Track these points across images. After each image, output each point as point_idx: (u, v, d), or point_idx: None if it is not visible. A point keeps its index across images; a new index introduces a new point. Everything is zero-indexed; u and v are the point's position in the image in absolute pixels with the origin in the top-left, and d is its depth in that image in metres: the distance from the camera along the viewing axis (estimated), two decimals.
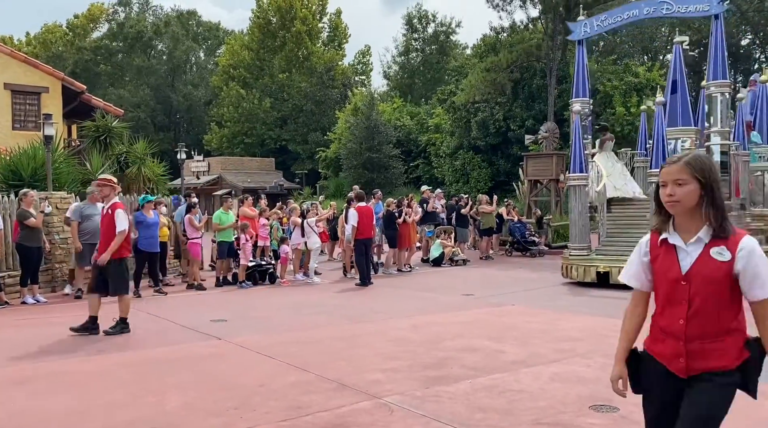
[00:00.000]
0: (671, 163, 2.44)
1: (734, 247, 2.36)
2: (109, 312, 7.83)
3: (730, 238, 2.36)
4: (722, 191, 2.35)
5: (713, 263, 2.36)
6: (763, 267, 2.33)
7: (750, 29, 34.26)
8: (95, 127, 16.47)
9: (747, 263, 2.34)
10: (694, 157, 2.40)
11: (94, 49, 57.16)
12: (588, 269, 11.58)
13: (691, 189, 2.36)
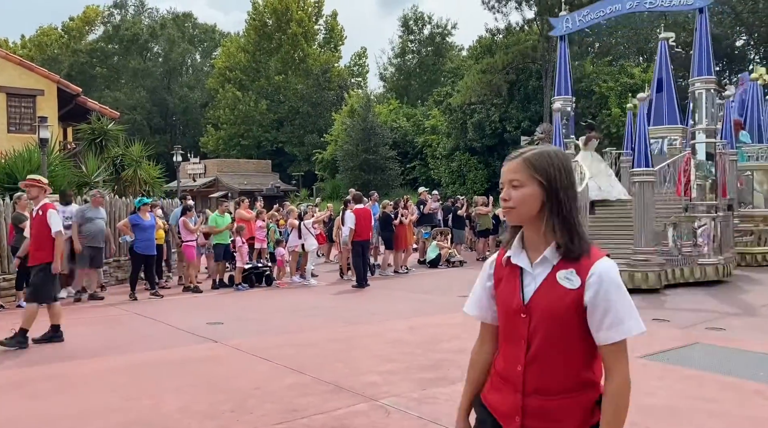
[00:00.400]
0: (509, 159, 1.88)
1: (585, 272, 1.74)
2: (108, 319, 7.79)
3: (583, 260, 1.76)
4: (574, 198, 1.82)
5: (558, 291, 1.75)
6: (619, 299, 1.72)
7: (744, 30, 34.38)
8: (91, 130, 16.43)
9: (597, 293, 1.71)
10: (537, 153, 1.83)
11: (89, 52, 57.08)
12: None
13: (529, 193, 1.79)
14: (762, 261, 14.14)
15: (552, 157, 1.83)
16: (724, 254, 11.60)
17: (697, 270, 11.11)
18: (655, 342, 6.66)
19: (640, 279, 10.33)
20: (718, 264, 11.27)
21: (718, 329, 7.34)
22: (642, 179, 10.74)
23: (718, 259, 11.34)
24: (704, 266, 11.17)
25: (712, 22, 32.62)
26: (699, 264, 11.17)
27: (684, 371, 5.58)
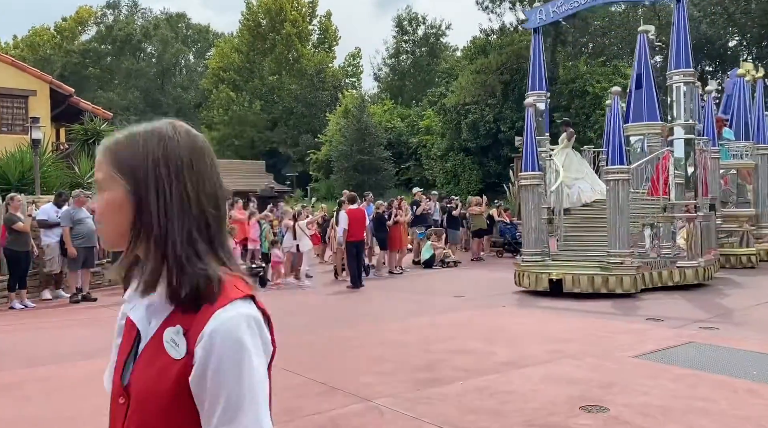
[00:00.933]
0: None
1: (197, 330, 1.09)
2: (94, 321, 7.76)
3: (203, 309, 1.10)
4: (183, 202, 1.14)
5: (161, 362, 1.11)
6: (234, 378, 1.06)
7: (737, 31, 34.53)
8: (84, 131, 16.38)
9: (204, 367, 1.06)
10: (125, 138, 1.18)
11: (82, 52, 56.86)
12: (540, 277, 10.55)
13: (114, 199, 1.15)
14: (747, 262, 13.62)
15: (146, 140, 1.15)
16: (705, 256, 11.12)
17: (676, 274, 10.63)
18: (649, 342, 6.69)
19: (615, 283, 9.90)
20: (698, 267, 10.73)
21: (711, 328, 7.37)
22: (616, 177, 10.27)
23: (698, 262, 10.80)
24: (683, 269, 10.67)
25: (705, 23, 32.88)
26: (678, 267, 10.67)
27: (677, 370, 5.60)
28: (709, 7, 33.96)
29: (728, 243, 13.78)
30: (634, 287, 9.95)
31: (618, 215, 10.15)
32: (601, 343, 6.79)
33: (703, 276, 10.81)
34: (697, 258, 10.82)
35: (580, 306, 9.23)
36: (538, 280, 10.53)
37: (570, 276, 10.18)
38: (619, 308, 9.12)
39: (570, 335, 7.30)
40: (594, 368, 5.75)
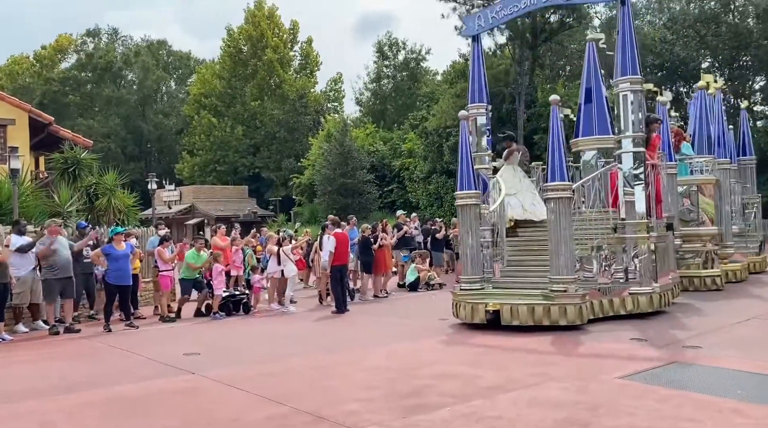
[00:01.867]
0: None
1: None
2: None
3: None
4: None
5: None
6: None
7: (709, 53, 35.37)
8: (63, 159, 16.22)
9: None
10: None
11: (62, 80, 56.64)
12: (476, 307, 9.37)
13: None
14: (712, 285, 12.70)
15: None
16: (661, 280, 10.15)
17: (628, 301, 9.63)
18: (633, 363, 6.71)
19: (558, 314, 8.76)
20: (652, 294, 9.75)
21: (695, 347, 7.42)
22: (557, 195, 9.08)
23: (653, 288, 9.81)
24: (636, 296, 9.66)
25: (678, 45, 33.66)
26: (630, 294, 9.66)
27: (662, 391, 5.62)
28: (681, 29, 34.79)
29: (694, 264, 13.00)
30: (579, 318, 8.83)
31: (560, 237, 8.99)
32: (586, 365, 6.79)
33: (659, 303, 9.82)
34: (652, 284, 9.84)
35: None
36: (475, 311, 9.38)
37: (508, 306, 9.02)
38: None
39: (554, 357, 7.30)
40: (580, 390, 5.75)
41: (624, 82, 10.10)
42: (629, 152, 10.09)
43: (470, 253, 10.13)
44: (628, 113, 10.07)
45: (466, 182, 10.17)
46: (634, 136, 10.08)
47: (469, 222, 10.14)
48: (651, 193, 10.27)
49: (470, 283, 10.04)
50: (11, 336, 10.18)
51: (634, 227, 9.94)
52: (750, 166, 17.27)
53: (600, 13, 37.58)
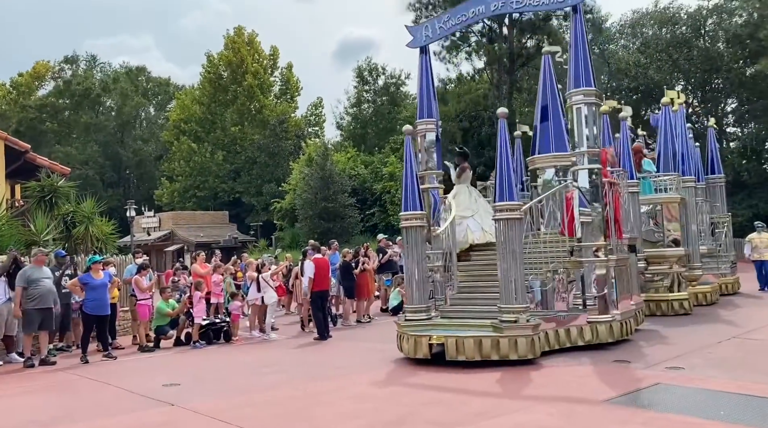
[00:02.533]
0: None
1: None
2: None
3: None
4: None
5: None
6: None
7: (682, 76, 36.22)
8: (40, 187, 15.97)
9: None
10: None
11: (39, 107, 56.16)
12: (419, 340, 8.51)
13: None
14: (680, 309, 12.17)
15: None
16: (622, 307, 9.40)
17: (586, 331, 8.87)
18: (617, 385, 6.70)
19: (508, 348, 7.99)
20: (612, 322, 9.00)
21: (677, 368, 7.44)
22: (506, 216, 8.32)
23: (613, 315, 9.07)
24: (595, 324, 8.92)
25: (652, 68, 34.44)
26: (588, 323, 8.93)
27: (647, 413, 5.61)
28: (655, 53, 35.63)
29: (662, 287, 12.48)
30: (531, 351, 8.02)
31: (511, 261, 8.20)
32: (572, 388, 6.77)
33: (620, 331, 9.09)
34: (611, 311, 9.12)
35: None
36: (418, 345, 8.53)
37: (453, 339, 8.20)
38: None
39: (544, 380, 7.27)
40: (567, 415, 5.71)
41: (577, 94, 9.45)
42: (584, 169, 9.39)
43: (416, 280, 9.14)
44: (582, 127, 9.40)
45: (411, 202, 9.26)
46: (589, 151, 9.37)
47: (415, 245, 9.17)
48: (609, 213, 9.52)
49: (415, 313, 9.03)
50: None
51: (590, 249, 9.21)
52: (719, 184, 16.94)
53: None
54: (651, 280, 12.54)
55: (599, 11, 35.31)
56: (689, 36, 35.66)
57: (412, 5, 35.69)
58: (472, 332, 8.32)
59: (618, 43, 39.13)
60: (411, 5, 35.70)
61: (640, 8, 39.10)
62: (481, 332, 8.26)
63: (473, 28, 35.61)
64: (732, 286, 15.71)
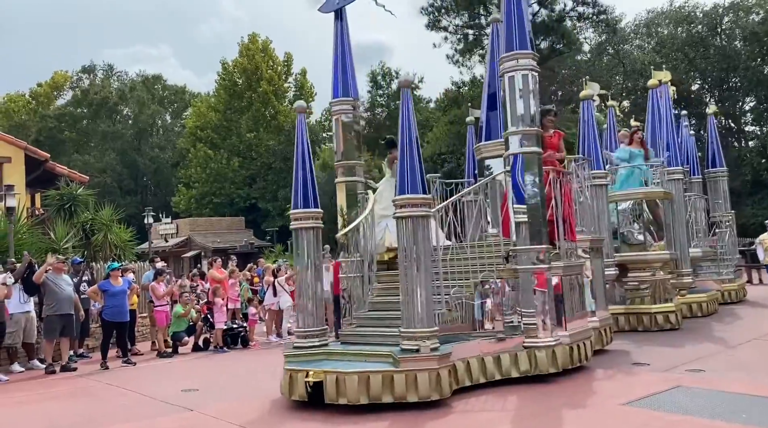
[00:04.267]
0: None
1: None
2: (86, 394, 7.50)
3: None
4: None
5: None
6: None
7: (699, 75, 35.88)
8: (59, 196, 16.22)
9: None
10: None
11: (58, 117, 56.94)
12: (295, 377, 6.66)
13: None
14: (665, 322, 10.39)
15: None
16: (571, 327, 7.43)
17: (522, 359, 6.98)
18: (636, 388, 6.63)
19: (405, 386, 6.13)
20: (556, 346, 7.08)
21: (697, 371, 7.34)
22: (408, 212, 6.44)
23: (555, 338, 7.14)
24: (533, 350, 7.02)
25: (668, 68, 34.11)
26: (525, 348, 7.06)
27: (667, 416, 5.54)
28: (670, 53, 35.34)
29: (648, 297, 10.70)
30: (437, 390, 6.15)
31: (414, 273, 6.35)
32: (589, 391, 6.71)
33: (568, 358, 7.20)
34: (556, 332, 7.21)
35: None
36: (293, 383, 6.68)
37: (333, 376, 6.34)
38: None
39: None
40: (583, 418, 5.67)
41: (509, 60, 7.48)
42: (517, 154, 7.39)
43: (308, 295, 7.15)
44: (516, 101, 7.39)
45: (302, 197, 7.39)
46: (525, 131, 7.37)
47: (308, 251, 7.21)
48: (557, 210, 7.69)
49: (306, 338, 7.08)
50: (6, 376, 10.05)
51: (528, 255, 7.28)
52: (721, 178, 15.03)
53: (589, 39, 38.21)
54: (635, 289, 10.81)
55: (613, 11, 35.05)
56: (705, 34, 35.35)
57: (424, 9, 35.72)
58: (364, 365, 6.41)
59: (633, 43, 38.90)
60: (423, 9, 35.73)
61: (655, 8, 38.88)
62: (376, 365, 6.35)
63: (486, 31, 35.56)
64: (736, 293, 13.90)
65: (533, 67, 7.52)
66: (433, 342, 6.30)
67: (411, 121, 6.81)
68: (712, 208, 14.78)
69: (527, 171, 7.40)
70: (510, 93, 7.50)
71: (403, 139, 6.73)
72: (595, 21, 35.15)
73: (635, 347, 9.12)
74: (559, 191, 7.81)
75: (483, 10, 34.75)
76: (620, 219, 11.17)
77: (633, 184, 11.32)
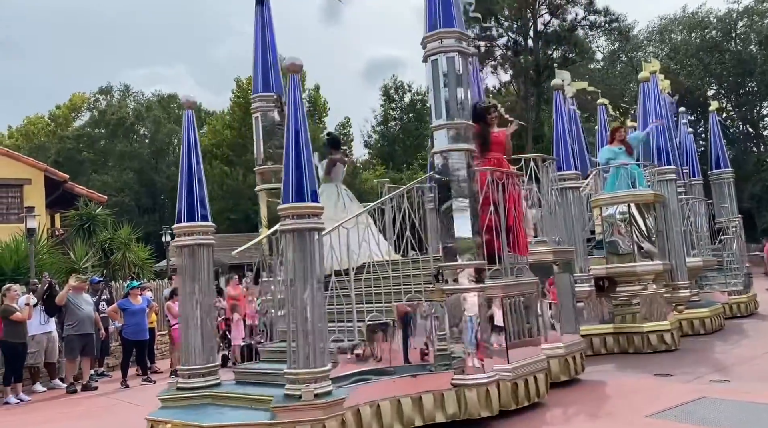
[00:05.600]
0: None
1: None
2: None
3: None
4: None
5: None
6: None
7: (714, 80, 35.60)
8: (78, 216, 16.45)
9: None
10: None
11: (76, 138, 57.88)
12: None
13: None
14: (659, 343, 9.11)
15: None
16: (514, 360, 6.07)
17: (449, 400, 5.63)
18: (660, 399, 6.50)
19: None
20: (489, 384, 5.73)
21: (722, 381, 7.20)
22: (294, 225, 5.16)
23: (490, 374, 5.76)
24: (462, 389, 5.68)
25: (682, 74, 33.92)
26: (453, 386, 5.69)
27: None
28: (684, 59, 35.15)
29: (640, 315, 9.45)
30: None
31: (299, 298, 5.07)
32: (612, 403, 6.59)
33: (514, 396, 5.97)
34: (491, 367, 5.83)
35: None
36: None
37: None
38: None
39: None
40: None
41: (433, 40, 6.14)
42: (444, 152, 6.11)
43: (194, 326, 5.94)
44: (440, 89, 6.12)
45: (187, 209, 6.12)
46: (452, 125, 6.07)
47: (193, 274, 6.00)
48: (499, 218, 6.49)
49: (191, 378, 5.88)
50: (29, 396, 10.14)
51: (455, 272, 5.90)
52: (726, 181, 13.83)
53: (602, 47, 38.15)
54: (625, 305, 9.59)
55: (625, 19, 34.97)
56: (720, 40, 35.13)
57: None
58: (243, 415, 5.23)
59: (646, 50, 38.71)
60: None
61: (668, 14, 38.70)
62: (254, 416, 5.13)
63: (498, 42, 35.67)
64: (746, 306, 12.67)
65: (461, 49, 6.22)
66: (322, 386, 4.93)
67: (298, 109, 5.59)
68: (717, 213, 13.60)
69: (454, 171, 6.06)
70: (434, 80, 6.19)
71: (288, 132, 5.41)
72: (607, 29, 35.11)
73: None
74: (500, 196, 6.61)
75: (494, 22, 34.86)
76: (606, 226, 9.90)
77: (621, 187, 10.11)
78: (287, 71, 5.89)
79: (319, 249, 5.28)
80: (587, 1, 33.59)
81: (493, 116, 7.18)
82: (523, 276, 6.70)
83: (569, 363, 7.35)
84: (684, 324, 10.51)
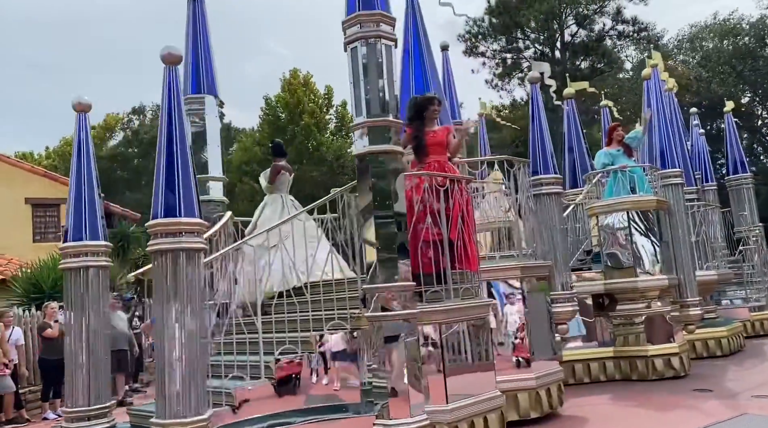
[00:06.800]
0: None
1: None
2: None
3: None
4: None
5: None
6: None
7: (748, 88, 34.90)
8: (113, 234, 16.77)
9: None
10: None
11: (110, 157, 59.30)
12: None
13: None
14: (665, 368, 8.22)
15: None
16: (453, 404, 5.12)
17: None
18: (699, 416, 6.33)
19: None
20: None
21: (765, 397, 6.97)
22: (167, 245, 4.52)
23: (419, 418, 4.76)
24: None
25: (714, 82, 33.32)
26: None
27: None
28: (717, 66, 34.57)
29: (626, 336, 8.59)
30: None
31: (172, 328, 4.33)
32: (647, 419, 6.43)
33: None
34: (418, 413, 4.79)
35: None
36: None
37: None
38: None
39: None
40: None
41: (351, 25, 5.23)
42: (364, 155, 5.16)
43: (78, 363, 5.24)
44: (359, 81, 5.17)
45: (75, 227, 5.51)
46: (374, 123, 5.12)
47: (82, 302, 5.36)
48: (436, 232, 5.52)
49: (75, 421, 5.13)
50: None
51: (378, 295, 4.86)
52: (745, 187, 12.73)
53: (631, 57, 37.75)
54: (626, 324, 8.64)
55: (654, 28, 34.56)
56: (753, 46, 34.45)
57: (461, 36, 36.02)
58: None
59: (677, 58, 38.20)
60: (461, 36, 36.03)
61: (698, 22, 38.14)
62: None
63: (525, 53, 35.56)
64: None
65: (385, 34, 5.23)
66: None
67: (173, 108, 5.00)
68: (735, 222, 12.61)
69: (377, 178, 5.05)
70: (353, 72, 5.21)
71: (160, 134, 4.99)
72: (636, 38, 34.73)
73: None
74: (439, 206, 5.58)
75: (521, 34, 34.79)
76: (604, 237, 9.00)
77: (620, 192, 9.18)
78: (164, 62, 5.10)
79: (196, 271, 4.45)
80: (615, 10, 33.28)
81: (433, 110, 6.24)
82: (474, 298, 5.68)
83: (541, 396, 6.30)
84: (698, 345, 9.69)
